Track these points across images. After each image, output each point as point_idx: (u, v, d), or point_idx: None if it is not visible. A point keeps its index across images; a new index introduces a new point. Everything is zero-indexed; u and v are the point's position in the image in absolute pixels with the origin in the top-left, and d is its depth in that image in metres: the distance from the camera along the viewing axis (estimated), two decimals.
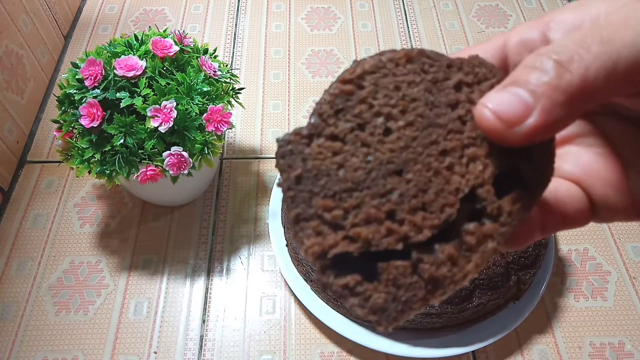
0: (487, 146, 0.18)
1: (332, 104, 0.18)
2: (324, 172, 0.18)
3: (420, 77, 0.19)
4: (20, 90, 0.70)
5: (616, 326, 0.58)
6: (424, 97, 0.19)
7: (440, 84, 0.19)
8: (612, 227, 0.65)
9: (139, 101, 0.49)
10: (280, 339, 0.56)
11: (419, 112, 0.19)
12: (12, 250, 0.62)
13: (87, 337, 0.56)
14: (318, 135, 0.18)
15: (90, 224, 0.64)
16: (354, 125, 0.18)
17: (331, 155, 0.18)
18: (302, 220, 0.18)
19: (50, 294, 0.58)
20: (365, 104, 0.19)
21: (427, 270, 0.18)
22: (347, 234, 0.18)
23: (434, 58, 0.19)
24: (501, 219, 0.18)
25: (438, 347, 0.52)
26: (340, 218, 0.18)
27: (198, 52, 0.56)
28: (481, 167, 0.18)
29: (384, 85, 0.19)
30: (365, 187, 0.18)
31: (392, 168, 0.18)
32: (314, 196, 0.18)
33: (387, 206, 0.18)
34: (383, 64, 0.19)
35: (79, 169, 0.50)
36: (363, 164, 0.18)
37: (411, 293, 0.18)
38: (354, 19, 0.89)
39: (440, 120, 0.19)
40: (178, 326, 0.57)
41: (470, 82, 0.19)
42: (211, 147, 0.52)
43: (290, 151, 0.18)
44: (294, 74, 0.81)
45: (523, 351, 0.56)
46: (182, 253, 0.62)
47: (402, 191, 0.18)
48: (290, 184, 0.18)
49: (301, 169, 0.18)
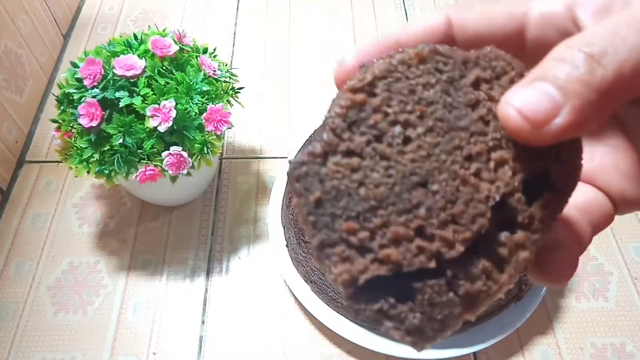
0: (513, 147, 0.17)
1: (344, 117, 0.17)
2: (344, 192, 0.17)
3: (435, 77, 0.18)
4: (19, 89, 0.70)
5: (618, 327, 0.57)
6: (442, 99, 0.17)
7: (457, 82, 0.18)
8: (614, 227, 0.65)
9: (138, 101, 0.49)
10: (280, 340, 0.56)
11: (437, 116, 0.17)
12: (11, 250, 0.61)
13: (86, 338, 0.55)
14: (333, 152, 0.17)
15: (89, 224, 0.64)
16: (371, 137, 0.17)
17: (350, 172, 0.17)
18: (326, 246, 0.16)
19: (49, 294, 0.58)
20: (379, 113, 0.17)
21: (462, 287, 0.17)
22: (376, 257, 0.16)
23: (447, 55, 0.18)
24: (533, 226, 0.17)
25: (439, 348, 0.52)
26: (367, 240, 0.16)
27: (197, 52, 0.55)
28: (510, 172, 0.17)
29: (397, 91, 0.17)
30: (390, 204, 0.17)
31: (416, 180, 0.17)
32: (336, 219, 0.16)
33: (415, 222, 0.17)
34: (394, 67, 0.17)
35: (78, 168, 0.50)
36: (385, 179, 0.17)
37: (447, 311, 0.17)
38: (354, 17, 0.89)
39: (461, 122, 0.17)
40: (177, 327, 0.56)
41: (489, 78, 0.18)
42: (210, 146, 0.52)
43: (306, 173, 0.17)
44: (294, 73, 0.81)
45: (524, 352, 0.55)
46: (181, 253, 0.62)
47: (429, 204, 0.17)
48: (310, 209, 0.17)
49: (320, 192, 0.17)
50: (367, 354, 0.54)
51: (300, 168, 0.17)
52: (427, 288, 0.17)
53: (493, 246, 0.17)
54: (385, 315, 0.17)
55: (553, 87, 0.15)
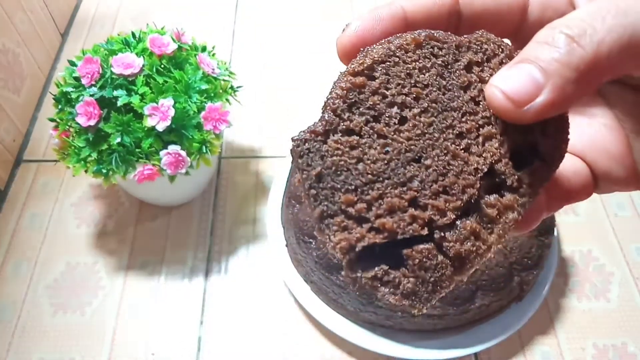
0: (501, 124, 0.19)
1: (344, 98, 0.18)
2: (343, 168, 0.18)
3: (430, 61, 0.19)
4: (16, 88, 0.70)
5: (619, 327, 0.57)
6: (436, 81, 0.19)
7: (451, 66, 0.19)
8: (615, 227, 0.64)
9: (136, 99, 0.48)
10: (280, 341, 0.55)
11: (432, 97, 0.19)
12: (9, 250, 0.61)
13: (84, 339, 0.55)
14: (334, 131, 0.18)
15: (87, 224, 0.63)
16: (369, 117, 0.18)
17: (349, 149, 0.18)
18: (327, 217, 0.18)
19: (46, 294, 0.58)
20: (378, 95, 0.18)
21: (451, 248, 0.18)
22: (372, 226, 0.18)
23: (442, 40, 0.19)
24: (521, 190, 0.18)
25: (440, 349, 0.51)
26: (364, 211, 0.18)
27: (196, 50, 0.55)
28: (497, 144, 0.19)
29: (395, 74, 0.18)
30: (386, 178, 0.18)
31: (411, 156, 0.18)
32: (336, 192, 0.18)
33: (409, 194, 0.18)
34: (392, 52, 0.19)
35: (76, 168, 0.49)
36: (381, 155, 0.18)
37: (439, 273, 0.18)
38: (353, 14, 0.88)
39: (454, 103, 0.19)
40: (176, 327, 0.56)
41: (480, 61, 0.19)
42: (209, 145, 0.51)
43: (308, 150, 0.18)
44: (293, 71, 0.80)
45: (526, 353, 0.55)
46: (179, 254, 0.61)
47: (422, 177, 0.18)
48: (311, 183, 0.18)
49: (320, 167, 0.18)
50: (368, 355, 0.54)
51: (303, 145, 0.18)
52: (417, 253, 0.18)
53: (482, 209, 0.18)
54: (380, 281, 0.18)
55: (535, 67, 0.16)
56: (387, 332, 0.53)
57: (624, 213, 0.66)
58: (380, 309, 0.50)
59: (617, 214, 0.66)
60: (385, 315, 0.50)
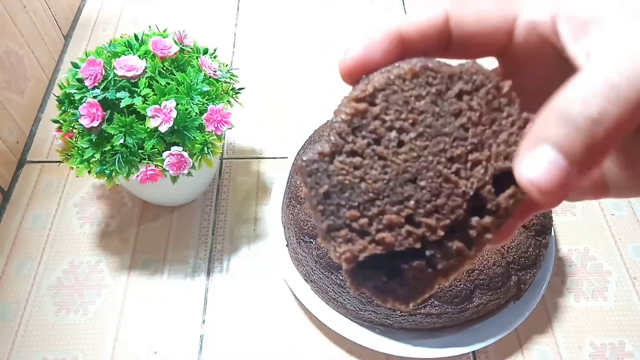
0: (487, 151, 0.21)
1: (349, 122, 0.20)
2: (348, 186, 0.20)
3: (425, 90, 0.21)
4: (20, 90, 0.70)
5: (617, 326, 0.58)
6: (431, 108, 0.21)
7: (444, 94, 0.21)
8: (612, 227, 0.65)
9: (138, 101, 0.49)
10: (280, 339, 0.56)
11: (427, 123, 0.20)
12: (12, 250, 0.62)
13: (87, 337, 0.56)
14: (339, 153, 0.20)
15: (90, 224, 0.64)
16: (370, 140, 0.20)
17: (353, 170, 0.20)
18: (333, 230, 0.20)
19: (50, 294, 0.58)
20: (378, 120, 0.20)
21: (439, 264, 0.21)
22: (373, 239, 0.20)
23: (436, 70, 0.21)
24: (498, 213, 0.20)
25: (438, 347, 0.52)
26: (366, 226, 0.20)
27: (198, 52, 0.55)
28: (483, 170, 0.20)
29: (394, 101, 0.20)
30: (386, 196, 0.20)
31: (407, 177, 0.20)
32: (341, 208, 0.20)
33: (405, 212, 0.20)
34: (392, 81, 0.20)
35: (79, 168, 0.50)
36: (381, 176, 0.20)
37: (427, 283, 0.21)
38: (355, 18, 0.89)
39: (446, 129, 0.21)
40: (178, 326, 0.57)
41: (469, 90, 0.21)
42: (211, 147, 0.52)
43: (316, 169, 0.20)
44: (294, 73, 0.81)
45: (523, 351, 0.56)
46: (181, 253, 0.62)
47: (417, 197, 0.20)
48: (319, 199, 0.20)
49: (327, 185, 0.20)
50: (367, 353, 0.54)
51: (311, 165, 0.20)
52: (412, 268, 0.21)
53: (466, 229, 0.21)
54: (379, 289, 0.21)
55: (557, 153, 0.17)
56: (387, 331, 0.53)
57: (621, 213, 0.66)
58: (379, 308, 0.51)
59: (614, 213, 0.66)
60: (385, 314, 0.51)
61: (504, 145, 0.21)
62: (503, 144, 0.21)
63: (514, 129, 0.21)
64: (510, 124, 0.21)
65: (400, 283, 0.21)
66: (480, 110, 0.21)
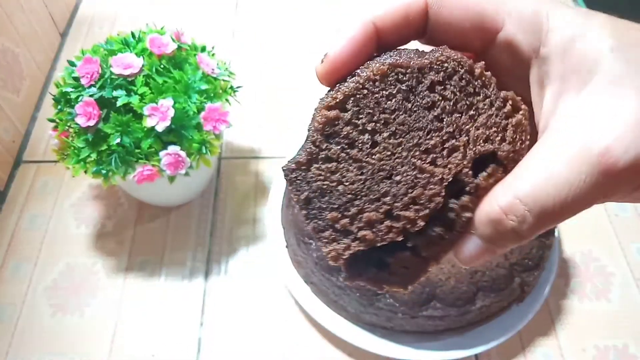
0: (465, 137, 0.21)
1: (321, 131, 0.21)
2: (326, 190, 0.21)
3: (396, 88, 0.21)
4: (16, 88, 0.70)
5: (620, 328, 0.57)
6: (403, 105, 0.21)
7: (415, 89, 0.21)
8: (616, 228, 0.64)
9: (135, 100, 0.48)
10: (280, 342, 0.55)
11: (399, 120, 0.21)
12: (8, 251, 0.61)
13: (84, 340, 0.55)
14: (315, 160, 0.21)
15: (86, 224, 0.63)
16: (344, 145, 0.21)
17: (330, 174, 0.21)
18: (318, 231, 0.22)
19: (46, 295, 0.58)
20: (350, 125, 0.21)
21: (424, 252, 0.22)
22: (355, 237, 0.22)
23: (405, 65, 0.21)
24: (477, 193, 0.21)
25: (441, 350, 0.51)
26: (348, 225, 0.21)
27: (196, 50, 0.55)
28: (461, 156, 0.21)
29: (365, 105, 0.21)
30: (364, 195, 0.21)
31: (383, 175, 0.21)
32: (323, 211, 0.22)
33: (383, 208, 0.21)
34: (362, 85, 0.21)
35: (75, 168, 0.49)
36: (358, 177, 0.21)
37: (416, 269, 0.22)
38: (352, 11, 0.88)
39: (419, 123, 0.21)
40: (175, 329, 0.56)
41: (441, 80, 0.21)
42: (209, 146, 0.51)
43: (295, 178, 0.21)
44: (293, 72, 0.80)
45: (526, 354, 0.55)
46: (179, 254, 0.61)
47: (394, 192, 0.21)
48: (301, 205, 0.22)
49: (307, 191, 0.21)
50: (368, 356, 0.53)
51: (291, 174, 0.22)
52: (397, 260, 0.22)
53: (445, 213, 0.21)
54: (373, 280, 0.22)
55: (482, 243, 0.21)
56: (388, 334, 0.52)
57: (625, 213, 0.66)
58: (381, 311, 0.50)
59: (618, 214, 0.65)
60: (386, 316, 0.50)
61: (483, 128, 0.21)
62: (482, 127, 0.21)
63: (493, 110, 0.21)
64: (489, 106, 0.21)
65: (391, 273, 0.22)
66: (455, 98, 0.21)
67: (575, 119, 0.18)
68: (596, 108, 0.18)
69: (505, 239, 0.20)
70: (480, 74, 0.21)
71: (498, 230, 0.19)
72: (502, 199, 0.19)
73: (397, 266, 0.22)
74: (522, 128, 0.22)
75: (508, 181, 0.20)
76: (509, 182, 0.20)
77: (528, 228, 0.19)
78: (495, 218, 0.19)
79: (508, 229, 0.19)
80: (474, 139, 0.21)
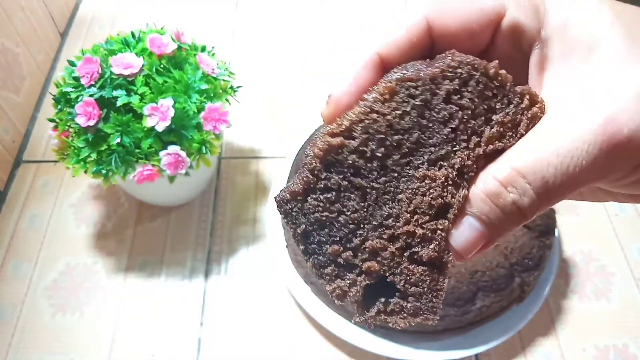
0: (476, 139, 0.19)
1: (321, 159, 0.19)
2: (326, 222, 0.19)
3: (409, 104, 0.19)
4: (16, 88, 0.70)
5: (620, 328, 0.57)
6: (417, 122, 0.19)
7: (430, 102, 0.19)
8: (616, 228, 0.64)
9: (135, 99, 0.48)
10: (280, 342, 0.55)
11: (412, 139, 0.19)
12: (8, 251, 0.61)
13: (84, 340, 0.55)
14: (312, 191, 0.19)
15: (86, 224, 0.63)
16: (348, 174, 0.19)
17: (329, 205, 0.19)
18: (319, 267, 0.20)
19: (46, 295, 0.57)
20: (357, 154, 0.19)
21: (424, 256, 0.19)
22: (361, 270, 0.20)
23: (415, 79, 0.19)
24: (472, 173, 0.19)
25: (440, 350, 0.51)
26: (351, 258, 0.20)
27: (196, 50, 0.55)
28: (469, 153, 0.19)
29: (375, 130, 0.19)
30: (367, 223, 0.19)
31: (388, 197, 0.19)
32: (323, 245, 0.19)
33: (387, 233, 0.19)
34: (370, 108, 0.19)
35: (75, 168, 0.49)
36: (360, 204, 0.19)
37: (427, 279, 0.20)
38: (353, 15, 0.88)
39: (434, 140, 0.19)
40: (175, 328, 0.56)
41: (458, 88, 0.19)
42: (209, 146, 0.51)
43: (291, 209, 0.19)
44: (293, 72, 0.80)
45: (526, 354, 0.55)
46: (179, 254, 0.61)
47: (396, 212, 0.19)
48: (299, 239, 0.20)
49: (305, 224, 0.19)
50: (368, 356, 0.53)
51: (285, 205, 0.19)
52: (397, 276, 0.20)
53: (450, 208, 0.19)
54: (386, 312, 0.20)
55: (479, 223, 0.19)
56: (388, 334, 0.52)
57: (625, 213, 0.65)
58: None
59: (618, 214, 0.65)
60: None
61: (498, 126, 0.19)
62: (497, 125, 0.19)
63: (511, 108, 0.19)
64: (506, 104, 0.19)
65: (402, 296, 0.20)
66: (474, 105, 0.19)
67: (578, 93, 0.18)
68: (600, 81, 0.17)
69: (506, 216, 0.18)
70: (496, 73, 0.19)
71: (497, 206, 0.18)
72: (500, 171, 0.18)
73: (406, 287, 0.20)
74: (537, 120, 0.20)
75: (506, 155, 0.19)
76: (508, 156, 0.19)
77: (530, 202, 0.17)
78: (493, 191, 0.18)
79: (508, 203, 0.18)
80: (487, 139, 0.19)
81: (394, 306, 0.20)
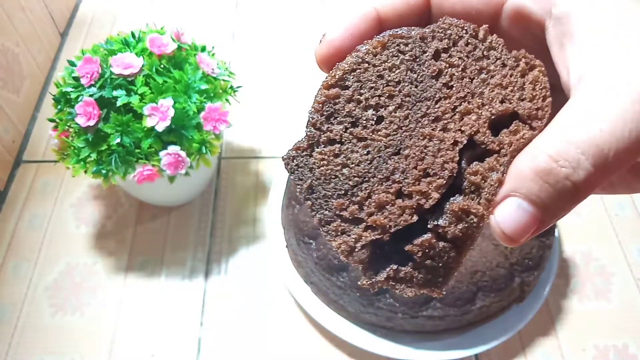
0: (479, 99, 0.20)
1: (321, 111, 0.20)
2: (331, 176, 0.20)
3: (398, 59, 0.20)
4: (16, 88, 0.70)
5: (620, 328, 0.57)
6: (407, 76, 0.20)
7: (419, 58, 0.20)
8: (616, 228, 0.64)
9: (135, 99, 0.48)
10: (279, 342, 0.55)
11: (405, 92, 0.20)
12: (8, 251, 0.61)
13: (84, 340, 0.55)
14: (316, 144, 0.20)
15: (86, 224, 0.63)
16: (347, 124, 0.20)
17: (333, 158, 0.20)
18: (325, 224, 0.20)
19: (46, 295, 0.58)
20: (353, 102, 0.20)
21: (448, 232, 0.19)
22: (366, 225, 0.20)
23: (405, 36, 0.20)
24: (502, 150, 0.19)
25: (440, 350, 0.51)
26: (357, 212, 0.20)
27: (196, 50, 0.55)
28: (475, 117, 0.19)
29: (367, 79, 0.20)
30: (371, 177, 0.20)
31: (391, 151, 0.20)
32: (328, 199, 0.20)
33: (394, 187, 0.19)
34: (362, 59, 0.20)
35: (75, 168, 0.49)
36: (364, 157, 0.20)
37: (444, 257, 0.19)
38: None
39: (427, 93, 0.20)
40: (176, 328, 0.56)
41: (446, 47, 0.20)
42: (209, 146, 0.51)
43: (297, 165, 0.20)
44: (293, 72, 0.80)
45: (526, 354, 0.55)
46: (179, 254, 0.61)
47: (403, 168, 0.19)
48: (305, 195, 0.20)
49: (311, 179, 0.20)
50: (368, 356, 0.53)
51: (292, 162, 0.20)
52: (418, 247, 0.19)
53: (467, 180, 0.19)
54: (395, 279, 0.20)
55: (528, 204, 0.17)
56: (388, 334, 0.52)
57: (625, 213, 0.65)
58: (380, 310, 0.50)
59: (618, 214, 0.65)
60: (386, 316, 0.50)
61: (498, 88, 0.20)
62: (497, 87, 0.20)
63: (506, 70, 0.20)
64: (501, 66, 0.20)
65: (415, 267, 0.20)
66: (463, 64, 0.20)
67: (618, 64, 0.17)
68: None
69: (558, 193, 0.16)
70: (485, 35, 0.20)
71: (548, 183, 0.16)
72: (550, 145, 0.17)
73: (422, 258, 0.19)
74: (542, 84, 0.20)
75: (552, 129, 0.17)
76: (554, 129, 0.17)
77: (585, 175, 0.16)
78: (544, 168, 0.16)
79: (560, 177, 0.16)
80: (489, 100, 0.20)
81: (404, 274, 0.20)
